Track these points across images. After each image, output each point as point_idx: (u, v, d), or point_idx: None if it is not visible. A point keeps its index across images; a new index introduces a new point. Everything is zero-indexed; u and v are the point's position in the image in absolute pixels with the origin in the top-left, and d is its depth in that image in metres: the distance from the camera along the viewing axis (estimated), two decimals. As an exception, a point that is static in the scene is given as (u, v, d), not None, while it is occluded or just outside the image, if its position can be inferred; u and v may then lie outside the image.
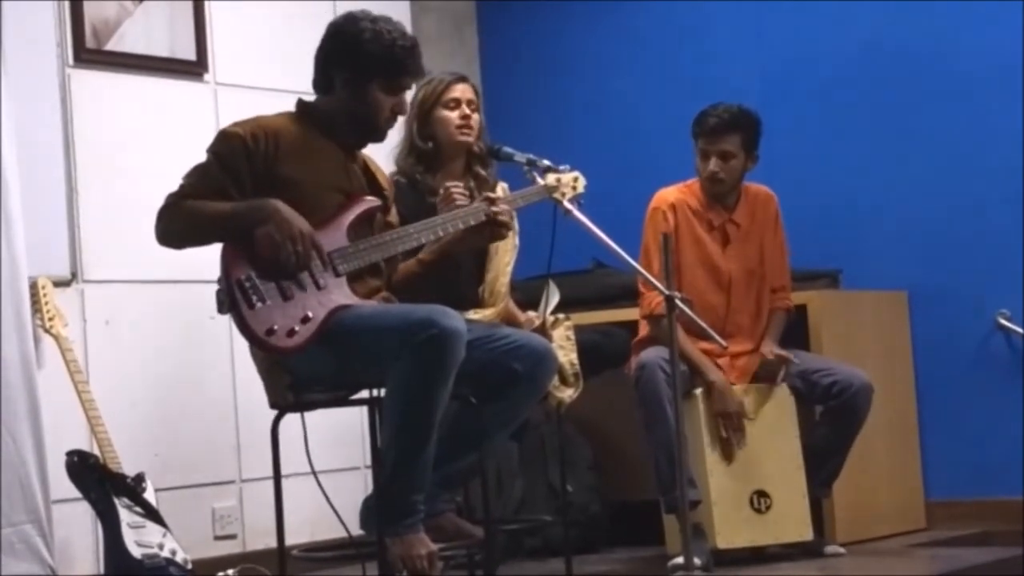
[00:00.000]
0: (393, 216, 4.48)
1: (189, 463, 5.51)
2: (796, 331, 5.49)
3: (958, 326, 5.98)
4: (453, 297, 4.49)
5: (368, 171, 4.45)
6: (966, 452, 5.95)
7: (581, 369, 4.85)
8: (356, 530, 4.44)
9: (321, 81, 4.37)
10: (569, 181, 4.57)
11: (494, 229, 4.44)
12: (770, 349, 5.28)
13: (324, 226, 4.19)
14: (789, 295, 5.45)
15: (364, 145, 4.44)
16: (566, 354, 4.79)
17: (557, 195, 4.54)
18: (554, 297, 4.84)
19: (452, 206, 4.51)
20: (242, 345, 4.25)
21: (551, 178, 4.55)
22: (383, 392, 4.19)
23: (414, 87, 4.66)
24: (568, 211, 4.51)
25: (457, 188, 4.56)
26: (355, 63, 4.29)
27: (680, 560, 4.59)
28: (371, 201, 4.34)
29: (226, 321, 4.23)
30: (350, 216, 4.27)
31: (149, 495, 4.94)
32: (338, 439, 5.63)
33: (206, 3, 5.76)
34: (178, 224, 4.18)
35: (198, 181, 4.21)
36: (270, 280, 4.10)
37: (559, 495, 5.43)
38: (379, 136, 4.40)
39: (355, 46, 4.28)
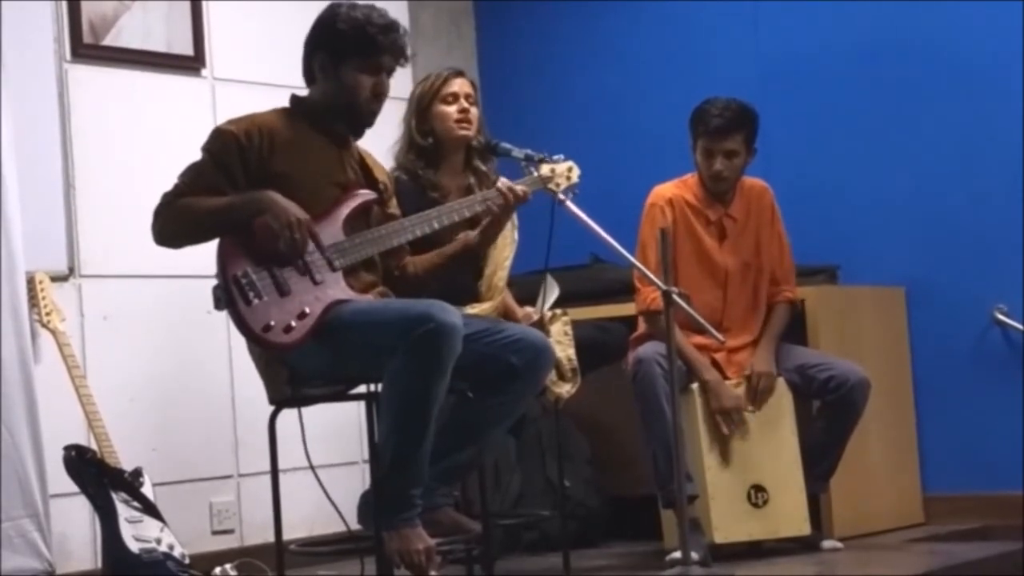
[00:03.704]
0: (394, 208, 4.47)
1: (187, 458, 5.51)
2: (794, 326, 5.49)
3: (956, 321, 5.98)
4: (451, 291, 4.49)
5: (364, 164, 4.45)
6: (963, 447, 5.95)
7: (579, 364, 4.85)
8: (354, 525, 4.45)
9: (306, 71, 4.38)
10: (563, 171, 4.57)
11: (502, 209, 4.41)
12: (753, 366, 5.26)
13: (320, 220, 4.20)
14: (793, 287, 5.44)
15: (356, 134, 4.42)
16: (564, 349, 4.80)
17: (551, 185, 4.54)
18: (553, 292, 4.84)
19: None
20: (240, 340, 4.26)
21: (545, 169, 4.55)
22: (380, 387, 4.19)
23: (410, 82, 4.66)
24: (562, 201, 4.51)
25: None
26: (329, 46, 4.30)
27: (678, 554, 4.58)
28: (366, 194, 4.35)
29: (224, 316, 4.24)
30: (345, 210, 4.27)
31: (147, 490, 4.94)
32: (336, 434, 5.64)
33: (203, -2, 5.77)
34: (175, 223, 4.18)
35: (193, 180, 4.21)
36: (267, 275, 4.10)
37: (557, 490, 5.43)
38: (363, 119, 4.36)
39: (329, 30, 4.30)
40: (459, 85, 4.94)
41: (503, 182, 4.50)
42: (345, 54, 4.29)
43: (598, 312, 5.71)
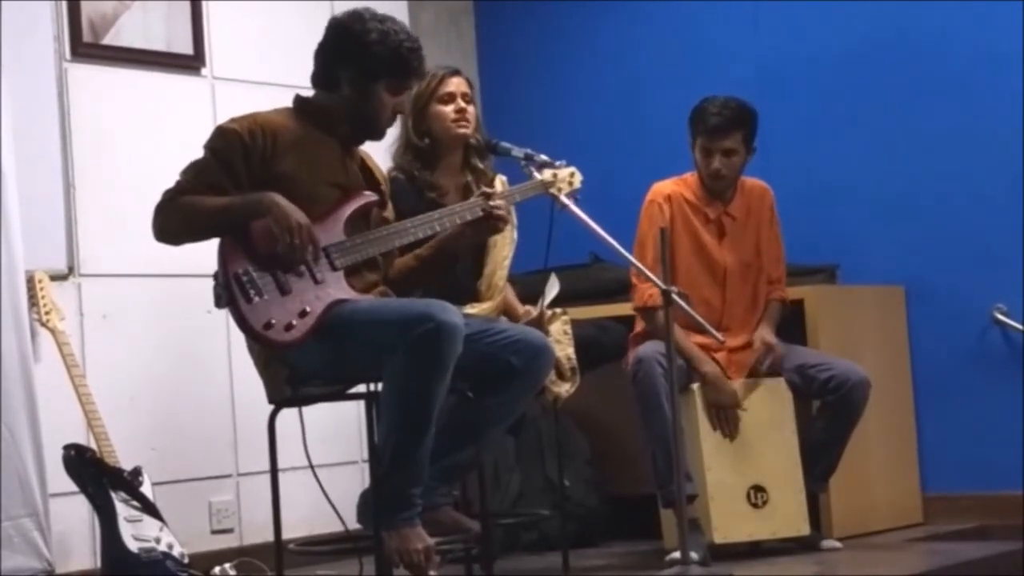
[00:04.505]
0: (389, 212, 4.48)
1: (186, 457, 5.51)
2: (793, 326, 5.49)
3: (955, 321, 5.98)
4: (451, 291, 4.49)
5: (365, 167, 4.45)
6: (963, 446, 5.95)
7: (578, 363, 4.86)
8: (353, 524, 4.45)
9: (324, 78, 4.36)
10: (566, 176, 4.58)
11: (490, 223, 4.43)
12: (761, 337, 5.26)
13: (321, 221, 4.19)
14: (784, 288, 5.45)
15: (362, 142, 4.44)
16: (563, 348, 4.80)
17: (554, 190, 4.55)
18: (553, 289, 4.84)
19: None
20: (239, 339, 4.26)
21: (547, 173, 4.57)
22: (380, 386, 4.19)
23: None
24: (564, 206, 4.52)
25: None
26: (362, 63, 4.28)
27: (677, 554, 4.58)
28: (368, 196, 4.35)
29: (223, 315, 4.23)
30: (347, 211, 4.27)
31: (146, 489, 4.93)
32: (335, 433, 5.64)
33: (203, -3, 5.77)
34: (175, 220, 4.18)
35: (195, 177, 4.21)
36: (268, 274, 4.11)
37: (556, 489, 5.44)
38: (379, 135, 4.41)
39: (363, 46, 4.28)
40: (455, 84, 4.94)
41: (496, 195, 4.50)
42: (378, 74, 4.29)
43: (597, 311, 5.72)
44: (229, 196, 4.17)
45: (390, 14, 4.38)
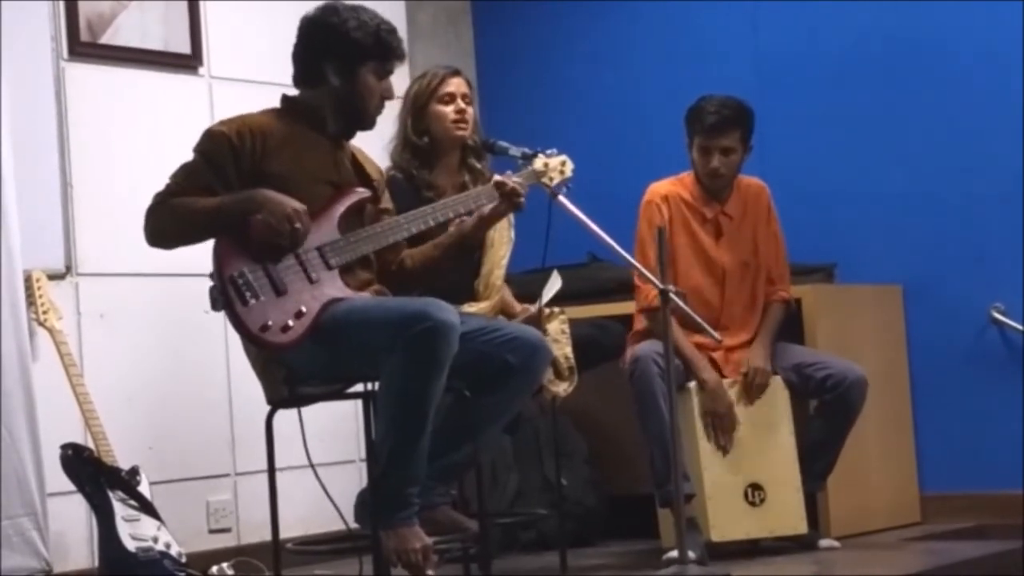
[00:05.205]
0: (387, 202, 4.48)
1: (184, 456, 5.51)
2: (791, 325, 5.49)
3: (953, 320, 5.98)
4: (448, 290, 4.49)
5: (356, 162, 4.45)
6: (960, 446, 5.95)
7: (576, 363, 4.85)
8: (351, 524, 4.45)
9: (308, 75, 4.36)
10: (556, 165, 4.56)
11: (510, 199, 4.41)
12: (757, 359, 5.25)
13: (315, 219, 4.19)
14: (787, 287, 5.44)
15: (353, 135, 4.44)
16: (561, 348, 4.80)
17: (545, 179, 4.53)
18: (554, 286, 4.84)
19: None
20: (237, 338, 4.26)
21: (538, 162, 4.55)
22: (378, 385, 4.19)
23: (407, 79, 4.66)
24: (555, 196, 4.50)
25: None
26: (345, 51, 4.29)
27: (674, 553, 4.59)
28: (361, 192, 4.35)
29: (221, 314, 4.23)
30: (340, 208, 4.27)
31: (144, 488, 4.93)
32: (333, 432, 5.64)
33: (201, -3, 5.77)
34: (167, 223, 4.18)
35: (184, 180, 4.21)
36: (263, 275, 4.10)
37: (554, 488, 5.44)
38: (370, 123, 4.40)
39: (343, 35, 4.29)
40: (456, 85, 4.94)
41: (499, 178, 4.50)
42: (362, 60, 4.30)
43: (595, 311, 5.71)
44: (219, 197, 4.17)
45: (361, 4, 4.39)
